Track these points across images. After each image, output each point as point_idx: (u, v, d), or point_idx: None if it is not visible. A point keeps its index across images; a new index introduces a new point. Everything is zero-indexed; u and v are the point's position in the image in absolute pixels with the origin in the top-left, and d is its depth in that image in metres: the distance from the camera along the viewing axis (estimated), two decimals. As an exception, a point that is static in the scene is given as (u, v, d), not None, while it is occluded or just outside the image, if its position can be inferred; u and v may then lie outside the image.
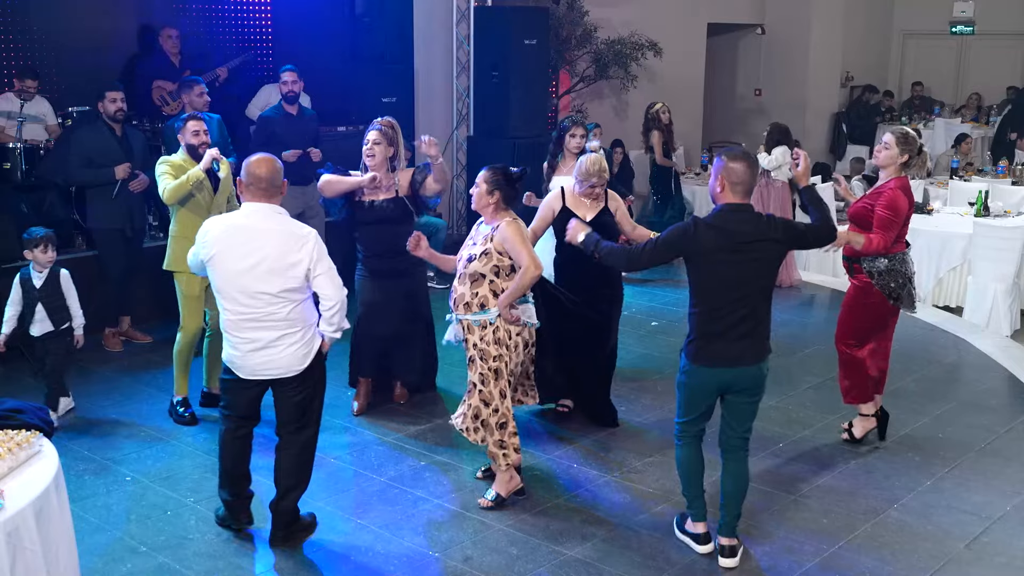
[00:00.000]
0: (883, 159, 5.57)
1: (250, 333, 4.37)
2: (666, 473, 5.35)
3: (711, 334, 4.33)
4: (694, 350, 4.39)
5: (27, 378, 6.80)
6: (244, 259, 4.29)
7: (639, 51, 12.11)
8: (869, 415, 5.90)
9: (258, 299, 4.32)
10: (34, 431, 3.66)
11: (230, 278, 4.34)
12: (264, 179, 4.34)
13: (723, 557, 4.51)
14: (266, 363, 4.41)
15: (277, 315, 4.34)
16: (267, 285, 4.29)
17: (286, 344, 4.39)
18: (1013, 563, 4.58)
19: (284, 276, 4.30)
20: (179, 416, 6.12)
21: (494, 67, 10.38)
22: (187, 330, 6.07)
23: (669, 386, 6.77)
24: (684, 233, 4.31)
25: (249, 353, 4.40)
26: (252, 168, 4.35)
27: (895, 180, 5.52)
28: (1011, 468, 5.57)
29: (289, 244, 4.30)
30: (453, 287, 5.04)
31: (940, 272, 8.84)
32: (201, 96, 7.48)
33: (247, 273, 4.29)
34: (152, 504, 5.07)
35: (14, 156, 7.69)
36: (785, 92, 15.37)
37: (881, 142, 5.64)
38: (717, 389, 4.44)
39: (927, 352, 7.69)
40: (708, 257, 4.26)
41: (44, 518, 3.32)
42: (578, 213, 5.70)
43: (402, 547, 4.65)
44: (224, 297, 4.40)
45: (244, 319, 4.36)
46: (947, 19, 17.52)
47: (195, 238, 4.51)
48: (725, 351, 4.32)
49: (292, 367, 4.44)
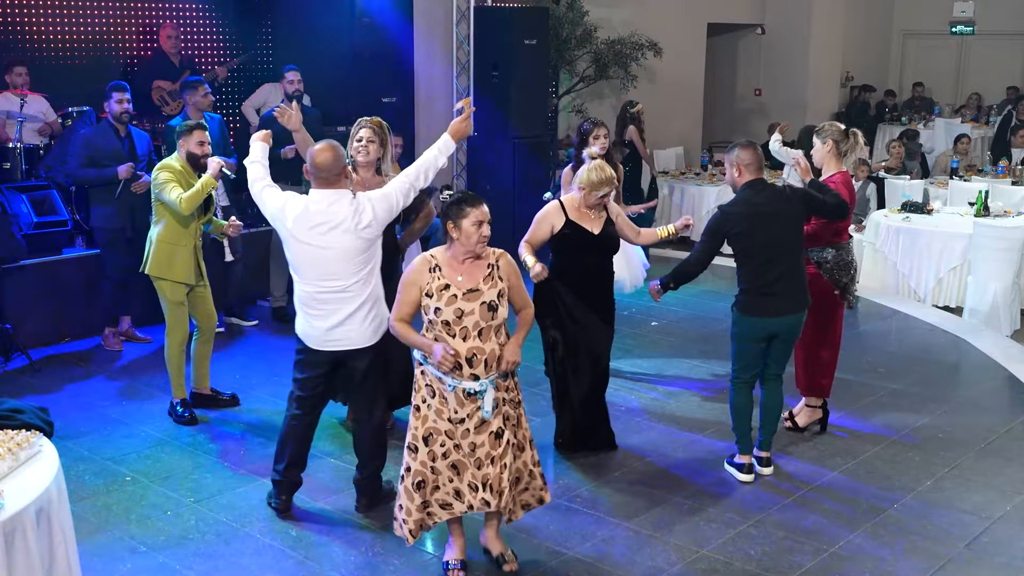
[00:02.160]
0: (817, 160, 5.84)
1: (332, 306, 4.59)
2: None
3: (756, 290, 5.14)
4: (744, 304, 5.20)
5: (27, 378, 6.82)
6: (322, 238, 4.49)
7: (639, 51, 12.11)
8: (816, 406, 6.04)
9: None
10: (34, 431, 3.66)
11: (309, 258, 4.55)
12: (326, 167, 4.51)
13: (762, 467, 5.42)
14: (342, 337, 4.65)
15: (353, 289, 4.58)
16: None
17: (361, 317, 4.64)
18: (1013, 563, 4.58)
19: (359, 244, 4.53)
20: (179, 416, 6.12)
21: (494, 67, 10.39)
22: (174, 335, 6.06)
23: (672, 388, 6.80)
24: (717, 222, 5.18)
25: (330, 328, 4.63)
26: (314, 157, 4.52)
27: (838, 175, 5.75)
28: (1011, 468, 5.57)
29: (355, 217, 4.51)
30: (475, 349, 4.09)
31: (940, 272, 8.84)
32: (205, 97, 7.48)
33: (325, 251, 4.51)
34: (152, 504, 5.07)
35: (14, 156, 7.69)
36: (785, 92, 15.37)
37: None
38: (766, 336, 5.20)
39: (927, 352, 7.69)
40: (741, 232, 5.09)
41: (44, 518, 3.32)
42: (586, 227, 5.41)
43: (402, 546, 4.64)
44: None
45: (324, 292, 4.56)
46: (947, 19, 17.53)
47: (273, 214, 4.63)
48: (770, 304, 5.13)
49: (364, 341, 4.69)
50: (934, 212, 9.52)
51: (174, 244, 5.98)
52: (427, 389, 4.19)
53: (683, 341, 7.83)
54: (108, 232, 7.27)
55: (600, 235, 5.42)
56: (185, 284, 6.03)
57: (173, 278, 5.99)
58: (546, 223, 5.45)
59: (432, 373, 4.15)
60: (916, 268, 8.98)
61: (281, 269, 8.32)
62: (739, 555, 4.59)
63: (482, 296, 4.10)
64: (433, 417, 4.17)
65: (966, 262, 8.66)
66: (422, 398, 4.21)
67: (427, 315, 4.14)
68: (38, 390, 6.52)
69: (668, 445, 5.84)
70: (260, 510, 5.02)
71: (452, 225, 4.10)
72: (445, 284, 4.10)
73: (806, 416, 6.04)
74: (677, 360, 7.33)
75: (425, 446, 4.18)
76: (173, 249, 5.98)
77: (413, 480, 4.20)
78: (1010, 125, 14.02)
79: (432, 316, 4.11)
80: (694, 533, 4.80)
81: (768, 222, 5.08)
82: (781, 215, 5.12)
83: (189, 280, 6.04)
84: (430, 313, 4.11)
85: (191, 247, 6.03)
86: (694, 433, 6.02)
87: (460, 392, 4.11)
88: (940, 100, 17.02)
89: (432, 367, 4.13)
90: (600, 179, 5.31)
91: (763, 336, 5.21)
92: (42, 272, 7.51)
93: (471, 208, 4.10)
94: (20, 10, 8.55)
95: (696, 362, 7.34)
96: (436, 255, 4.18)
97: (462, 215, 4.08)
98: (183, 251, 5.99)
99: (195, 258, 6.06)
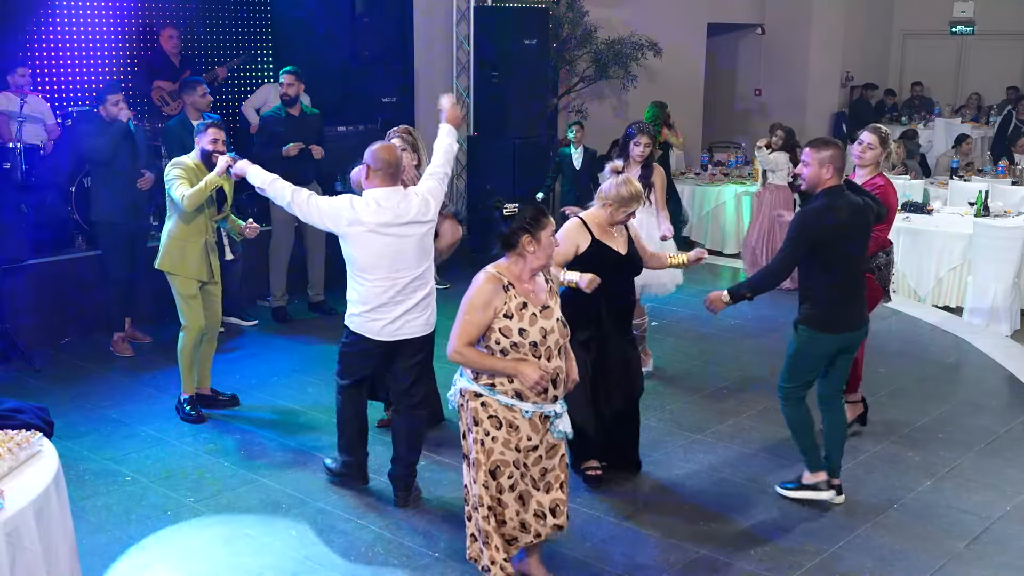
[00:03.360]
0: (869, 158, 5.73)
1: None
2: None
3: (832, 304, 4.85)
4: (818, 320, 4.85)
5: (27, 378, 6.82)
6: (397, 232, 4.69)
7: (639, 51, 12.10)
8: (857, 400, 6.04)
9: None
10: (34, 431, 3.66)
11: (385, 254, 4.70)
12: (392, 163, 4.72)
13: (837, 495, 5.08)
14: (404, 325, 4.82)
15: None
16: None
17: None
18: (1013, 563, 4.58)
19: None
20: (186, 414, 6.13)
21: (494, 67, 10.39)
22: (190, 329, 6.08)
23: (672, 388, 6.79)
24: (808, 231, 4.78)
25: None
26: (379, 154, 4.72)
27: (879, 176, 5.70)
28: (1011, 468, 5.57)
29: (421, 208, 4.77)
30: (558, 368, 3.91)
31: (940, 272, 8.83)
32: (204, 97, 7.47)
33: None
34: (152, 504, 5.07)
35: (14, 156, 7.68)
36: (785, 92, 15.36)
37: (861, 143, 5.78)
38: (836, 351, 4.95)
39: (927, 352, 7.69)
40: (828, 241, 4.75)
41: (44, 518, 3.32)
42: (612, 247, 5.06)
43: (402, 547, 4.65)
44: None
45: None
46: (947, 19, 17.52)
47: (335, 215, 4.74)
48: (844, 318, 4.87)
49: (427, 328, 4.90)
50: (934, 212, 9.52)
51: (185, 239, 6.01)
52: (491, 421, 3.89)
53: (683, 341, 7.82)
54: (109, 227, 7.22)
55: (627, 255, 5.08)
56: (197, 280, 6.05)
57: (185, 273, 6.02)
58: (570, 242, 4.98)
59: (502, 401, 3.86)
60: (916, 268, 8.98)
61: (280, 269, 8.33)
62: (739, 555, 4.59)
63: (555, 312, 3.93)
64: (500, 449, 3.90)
65: (966, 262, 8.66)
66: (484, 431, 3.90)
67: (508, 338, 3.82)
68: (38, 390, 6.52)
69: (668, 445, 5.84)
70: (260, 510, 5.02)
71: (530, 239, 3.83)
72: (523, 303, 3.84)
73: (851, 412, 5.99)
74: (677, 360, 7.33)
75: (493, 479, 3.94)
76: (184, 244, 6.01)
77: (497, 517, 3.98)
78: (1010, 125, 14.03)
79: (517, 338, 3.81)
80: (694, 533, 4.79)
81: (851, 233, 4.82)
82: (861, 227, 4.87)
83: (201, 276, 6.07)
84: (512, 335, 3.82)
85: (202, 242, 6.04)
86: (694, 433, 6.02)
87: (537, 417, 3.91)
88: (940, 100, 17.01)
89: (502, 395, 3.86)
90: (630, 194, 4.99)
91: (834, 352, 4.93)
92: (42, 272, 7.51)
93: (547, 219, 3.88)
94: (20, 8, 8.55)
95: (696, 362, 7.34)
96: (502, 272, 3.88)
97: (541, 227, 3.84)
98: (194, 246, 6.02)
99: (206, 253, 6.08)
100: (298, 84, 8.10)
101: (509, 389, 3.86)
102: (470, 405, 3.93)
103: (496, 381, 3.87)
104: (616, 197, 4.99)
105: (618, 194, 4.99)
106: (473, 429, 3.92)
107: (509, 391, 3.86)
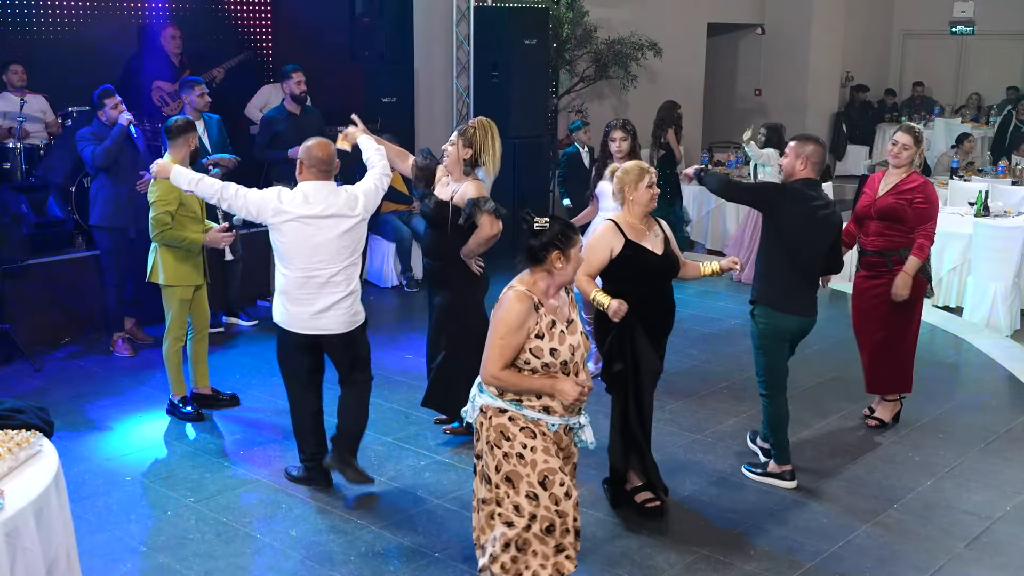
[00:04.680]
0: (905, 159, 5.79)
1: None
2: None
3: (791, 285, 5.05)
4: (773, 297, 5.07)
5: (27, 378, 6.82)
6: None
7: (639, 51, 12.10)
8: (896, 399, 6.14)
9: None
10: (34, 431, 3.66)
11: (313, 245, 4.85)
12: (323, 160, 4.87)
13: (791, 478, 5.29)
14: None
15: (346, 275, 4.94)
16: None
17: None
18: (1013, 563, 4.58)
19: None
20: (182, 413, 6.15)
21: (494, 67, 10.39)
22: (173, 334, 6.09)
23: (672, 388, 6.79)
24: (775, 189, 5.21)
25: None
26: (312, 151, 4.86)
27: (915, 175, 5.81)
28: (1011, 468, 5.57)
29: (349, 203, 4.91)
30: (582, 381, 3.80)
31: (940, 272, 8.83)
32: (202, 96, 7.48)
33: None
34: (152, 504, 5.07)
35: (14, 156, 7.69)
36: (785, 92, 15.37)
37: (895, 144, 5.83)
38: (791, 336, 5.14)
39: (927, 352, 7.68)
40: (793, 217, 4.96)
41: (44, 518, 3.32)
42: (648, 248, 4.76)
43: (402, 547, 4.65)
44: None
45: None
46: (947, 19, 17.51)
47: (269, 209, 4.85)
48: (800, 301, 5.07)
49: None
50: (934, 212, 9.51)
51: (181, 250, 5.99)
52: (524, 433, 3.73)
53: (683, 341, 7.81)
54: (109, 231, 7.22)
55: (663, 256, 4.79)
56: (193, 286, 6.08)
57: (184, 283, 6.03)
58: (603, 246, 4.71)
59: (529, 416, 3.73)
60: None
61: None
62: (739, 555, 4.59)
63: (578, 325, 3.83)
64: (544, 458, 3.72)
65: (966, 262, 8.66)
66: (521, 444, 3.72)
67: (539, 358, 3.69)
68: (38, 390, 6.52)
69: (668, 445, 5.84)
70: (260, 510, 5.02)
71: (560, 255, 3.71)
72: (551, 321, 3.72)
73: (890, 410, 6.13)
74: (677, 360, 7.32)
75: (544, 490, 3.72)
76: (182, 255, 6.00)
77: (542, 526, 3.72)
78: (1010, 125, 14.03)
79: (548, 359, 3.69)
80: (694, 533, 4.79)
81: (818, 221, 5.00)
82: (830, 220, 5.04)
83: (196, 281, 6.10)
84: (544, 356, 3.69)
85: (197, 250, 6.06)
86: (694, 433, 6.02)
87: (563, 431, 3.81)
88: (940, 100, 17.02)
89: (528, 410, 3.72)
90: (635, 168, 4.77)
91: (791, 334, 5.13)
92: (42, 272, 7.51)
93: (576, 236, 3.77)
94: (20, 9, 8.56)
95: (696, 362, 7.34)
96: (532, 290, 3.73)
97: (571, 244, 3.73)
98: (190, 254, 6.04)
99: (201, 258, 6.13)
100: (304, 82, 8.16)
101: (537, 404, 3.75)
102: (495, 422, 3.76)
103: (524, 397, 3.75)
104: (623, 180, 4.76)
105: (623, 177, 4.77)
106: (503, 445, 3.73)
107: (537, 406, 3.75)
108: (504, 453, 3.73)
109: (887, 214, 5.76)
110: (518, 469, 3.71)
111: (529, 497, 3.71)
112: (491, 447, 3.76)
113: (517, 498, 3.72)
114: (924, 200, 5.71)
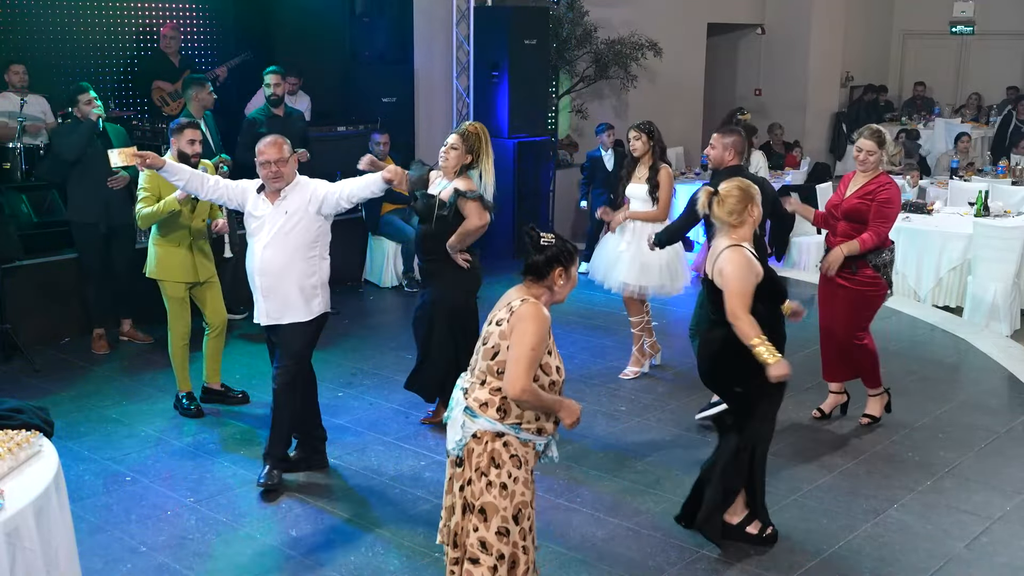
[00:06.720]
0: (872, 163, 5.82)
1: None
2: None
3: None
4: None
5: (27, 378, 6.82)
6: None
7: (639, 51, 12.10)
8: (880, 392, 6.14)
9: None
10: (34, 431, 3.66)
11: None
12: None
13: None
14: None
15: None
16: None
17: None
18: (1013, 563, 4.58)
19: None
20: (184, 409, 6.18)
21: (494, 67, 10.39)
22: (175, 331, 6.12)
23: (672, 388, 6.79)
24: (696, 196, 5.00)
25: None
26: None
27: (883, 176, 5.84)
28: (1011, 468, 5.57)
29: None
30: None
31: (940, 272, 8.84)
32: (209, 95, 7.48)
33: None
34: (152, 504, 5.07)
35: (14, 156, 7.68)
36: (785, 92, 15.36)
37: (860, 150, 5.84)
38: None
39: (927, 352, 7.69)
40: None
41: (44, 518, 3.32)
42: (774, 272, 4.48)
43: (402, 547, 4.65)
44: None
45: None
46: (947, 19, 17.52)
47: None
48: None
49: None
50: (934, 212, 9.52)
51: (168, 244, 6.00)
52: (513, 461, 3.59)
53: (684, 341, 7.81)
54: (80, 226, 7.20)
55: (781, 278, 4.49)
56: (184, 283, 6.06)
57: (171, 278, 6.02)
58: (751, 274, 4.30)
59: (522, 438, 3.61)
60: (916, 268, 8.98)
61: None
62: (739, 555, 4.59)
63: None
64: (521, 490, 3.61)
65: (966, 262, 8.66)
66: (508, 473, 3.58)
67: (547, 375, 3.60)
68: (38, 390, 6.52)
69: (669, 445, 5.84)
70: (260, 510, 5.02)
71: (562, 272, 3.64)
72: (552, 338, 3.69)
73: (878, 405, 6.17)
74: (677, 360, 7.32)
75: (516, 524, 3.61)
76: (168, 249, 6.01)
77: (509, 564, 3.61)
78: (1010, 125, 14.03)
79: (555, 376, 3.62)
80: (694, 533, 4.79)
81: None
82: (764, 187, 5.34)
83: (188, 278, 6.06)
84: (552, 373, 3.61)
85: (186, 245, 6.04)
86: (693, 433, 6.02)
87: (541, 447, 3.71)
88: (940, 100, 17.02)
89: (525, 433, 3.60)
90: (748, 187, 4.41)
91: None
92: (42, 272, 7.51)
93: (577, 254, 3.73)
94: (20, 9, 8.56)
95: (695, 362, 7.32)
96: (545, 307, 3.67)
97: (572, 262, 3.67)
98: (178, 250, 6.02)
99: (192, 256, 6.07)
100: (284, 84, 8.09)
101: (532, 426, 3.65)
102: (489, 447, 3.58)
103: (524, 419, 3.62)
104: (743, 200, 4.33)
105: (743, 196, 4.34)
106: (490, 473, 3.57)
107: (532, 428, 3.65)
108: (488, 482, 3.57)
109: (852, 215, 5.82)
110: (495, 502, 3.57)
111: (499, 533, 3.58)
112: (480, 474, 3.59)
113: (485, 533, 3.58)
114: (887, 201, 5.74)
